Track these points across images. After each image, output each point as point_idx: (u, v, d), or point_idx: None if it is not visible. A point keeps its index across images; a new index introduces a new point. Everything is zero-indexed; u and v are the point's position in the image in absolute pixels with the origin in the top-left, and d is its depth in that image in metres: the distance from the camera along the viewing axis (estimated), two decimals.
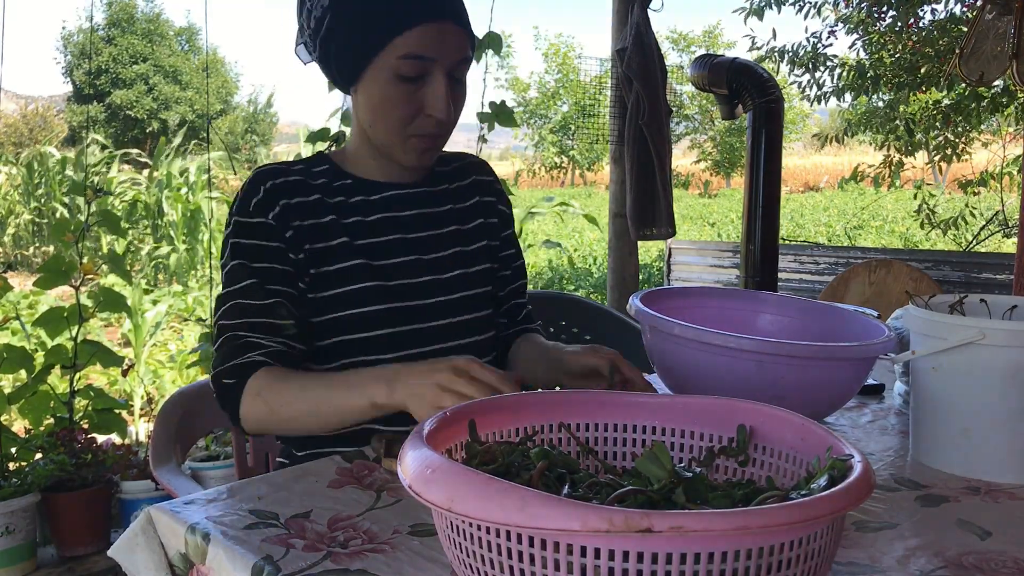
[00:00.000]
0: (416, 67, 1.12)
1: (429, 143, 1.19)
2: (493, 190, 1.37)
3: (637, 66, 2.98)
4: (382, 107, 1.15)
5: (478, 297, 1.29)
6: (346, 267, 1.19)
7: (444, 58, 1.13)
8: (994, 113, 5.73)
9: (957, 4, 5.45)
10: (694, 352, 1.11)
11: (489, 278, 1.32)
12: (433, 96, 1.14)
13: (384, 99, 1.14)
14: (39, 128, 18.69)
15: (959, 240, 7.12)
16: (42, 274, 2.65)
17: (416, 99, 1.14)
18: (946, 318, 1.03)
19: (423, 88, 1.14)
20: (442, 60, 1.13)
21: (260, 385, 1.10)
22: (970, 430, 1.01)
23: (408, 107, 1.14)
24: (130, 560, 0.90)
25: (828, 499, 0.57)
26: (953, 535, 0.84)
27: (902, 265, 3.25)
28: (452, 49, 1.13)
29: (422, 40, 1.10)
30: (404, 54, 1.11)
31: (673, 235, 3.18)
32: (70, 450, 2.48)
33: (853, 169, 7.50)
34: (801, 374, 1.07)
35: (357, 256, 1.20)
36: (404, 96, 1.14)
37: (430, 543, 0.80)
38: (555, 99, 23.16)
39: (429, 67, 1.13)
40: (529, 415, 0.83)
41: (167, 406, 1.44)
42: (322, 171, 1.24)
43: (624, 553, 0.54)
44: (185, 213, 8.66)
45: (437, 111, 1.14)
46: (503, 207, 1.38)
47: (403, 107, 1.14)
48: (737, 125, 16.80)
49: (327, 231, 1.20)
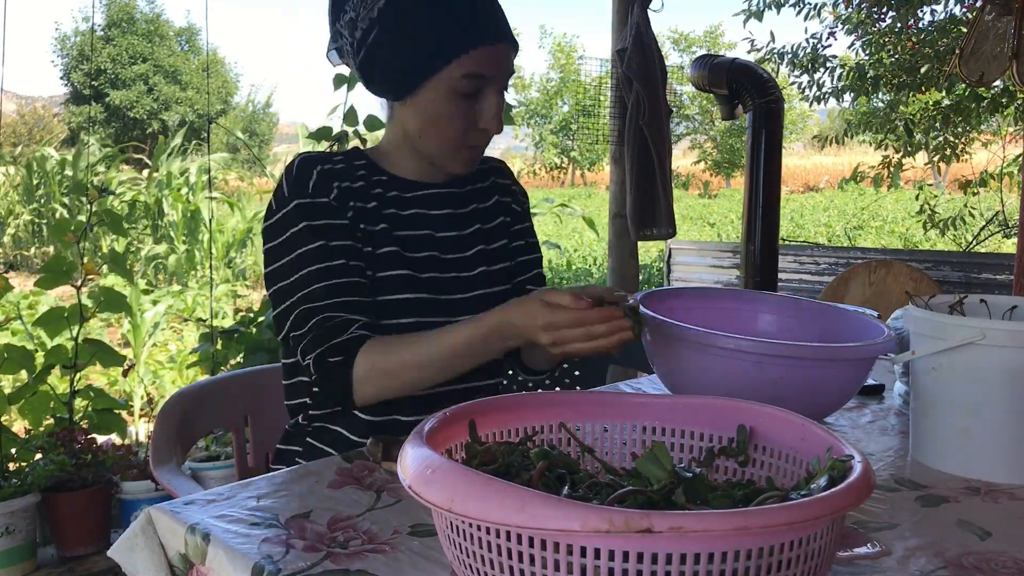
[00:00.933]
0: (474, 85, 1.17)
1: (477, 153, 1.26)
2: (510, 191, 1.41)
3: (637, 66, 2.98)
4: (438, 121, 1.20)
5: (498, 295, 1.30)
6: (385, 252, 1.22)
7: (499, 76, 1.19)
8: (994, 113, 5.73)
9: (957, 5, 5.46)
10: (695, 353, 1.11)
11: (509, 276, 1.35)
12: (488, 112, 1.20)
13: (441, 114, 1.19)
14: (38, 128, 18.70)
15: (959, 240, 7.12)
16: (43, 274, 2.65)
17: (471, 114, 1.19)
18: (946, 318, 1.03)
19: (477, 104, 1.19)
20: (497, 78, 1.19)
21: (370, 363, 1.11)
22: (970, 430, 1.01)
23: (464, 122, 1.20)
24: (130, 560, 0.90)
25: (828, 499, 0.57)
26: (953, 535, 0.84)
27: (902, 265, 3.25)
28: (505, 68, 1.19)
29: (482, 61, 1.16)
30: (466, 73, 1.15)
31: (673, 235, 3.17)
32: (70, 450, 2.48)
33: (853, 169, 7.50)
34: (801, 375, 1.07)
35: (394, 244, 1.23)
36: (461, 112, 1.19)
37: (430, 543, 0.80)
38: (556, 99, 23.16)
39: (484, 85, 1.18)
40: (529, 415, 0.83)
41: (167, 406, 1.44)
42: (361, 164, 1.28)
43: (624, 553, 0.54)
44: (185, 213, 8.66)
45: (491, 126, 1.20)
46: (517, 206, 1.41)
47: (459, 122, 1.19)
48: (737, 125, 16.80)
49: (374, 217, 1.24)
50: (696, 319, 1.18)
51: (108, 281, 4.96)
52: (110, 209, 3.32)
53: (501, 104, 1.21)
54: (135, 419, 3.93)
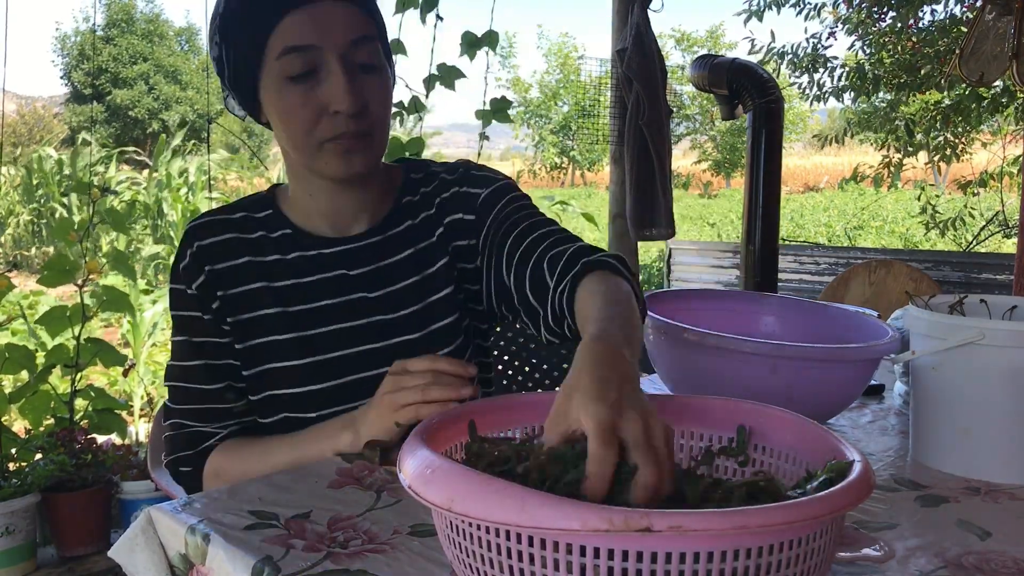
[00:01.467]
0: (300, 62, 0.98)
1: (350, 144, 1.02)
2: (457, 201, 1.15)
3: (637, 66, 2.98)
4: (283, 119, 1.02)
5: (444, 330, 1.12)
6: (278, 340, 1.08)
7: (330, 43, 0.98)
8: (994, 113, 5.73)
9: (957, 5, 5.46)
10: (706, 356, 1.10)
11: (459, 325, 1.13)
12: (330, 90, 0.99)
13: (281, 110, 1.01)
14: (38, 128, 18.70)
15: (959, 240, 7.12)
16: (46, 272, 2.65)
17: (314, 98, 0.99)
18: (946, 318, 1.03)
19: (319, 86, 0.99)
20: (328, 46, 0.98)
21: (219, 466, 1.08)
22: (970, 430, 1.01)
23: (307, 109, 1.00)
24: (130, 561, 0.90)
25: (828, 499, 0.57)
26: (953, 535, 0.84)
27: (902, 265, 3.25)
28: (338, 30, 0.98)
29: (293, 31, 0.97)
30: (280, 51, 0.98)
31: (673, 236, 3.18)
32: (70, 450, 2.48)
33: (853, 169, 7.50)
34: (812, 376, 1.08)
35: (290, 328, 1.08)
36: (299, 98, 0.99)
37: (430, 543, 0.80)
38: (556, 99, 23.17)
39: (316, 59, 0.99)
40: (529, 415, 0.83)
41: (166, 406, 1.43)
42: (263, 219, 1.12)
43: (624, 553, 0.54)
44: (185, 213, 8.66)
45: (339, 104, 0.98)
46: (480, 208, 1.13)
47: (301, 111, 1.00)
48: (737, 125, 16.80)
49: (255, 300, 1.09)
50: (698, 321, 1.18)
51: (109, 280, 4.96)
52: (112, 208, 3.32)
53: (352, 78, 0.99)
54: (135, 419, 3.93)
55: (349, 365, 1.09)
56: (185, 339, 1.10)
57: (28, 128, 18.69)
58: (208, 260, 1.09)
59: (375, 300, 1.11)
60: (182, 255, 1.10)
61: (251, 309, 1.09)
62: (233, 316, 1.09)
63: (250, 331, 1.09)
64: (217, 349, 1.09)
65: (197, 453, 1.09)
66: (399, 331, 1.10)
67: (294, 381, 1.08)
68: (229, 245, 1.10)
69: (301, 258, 1.11)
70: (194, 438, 1.09)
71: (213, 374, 1.09)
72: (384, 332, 1.10)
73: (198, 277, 1.09)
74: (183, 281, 1.10)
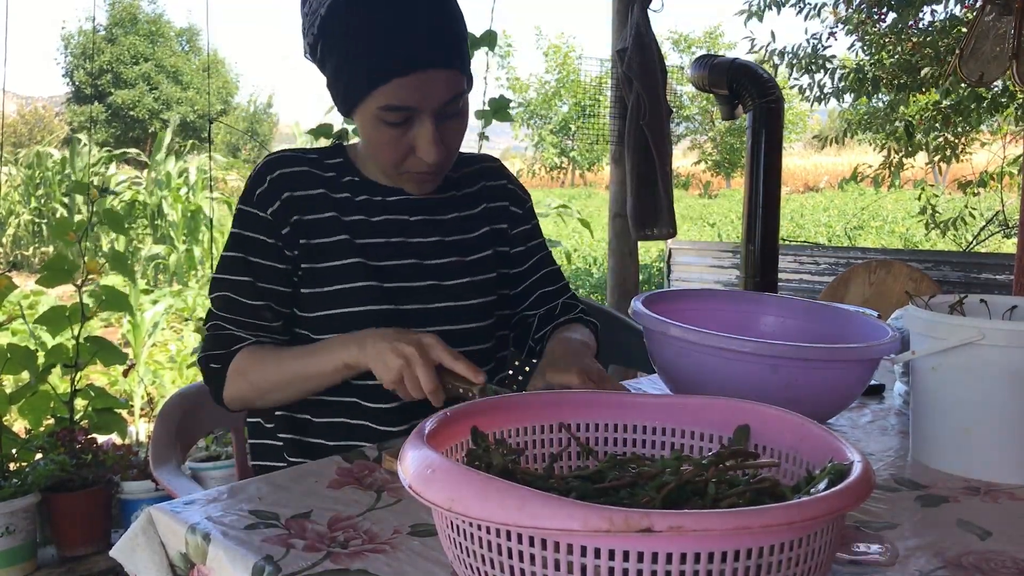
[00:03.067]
0: (398, 116, 1.10)
1: (425, 177, 1.19)
2: (503, 192, 1.35)
3: (637, 66, 2.98)
4: (372, 146, 1.16)
5: (480, 307, 1.27)
6: (342, 265, 1.19)
7: (427, 105, 1.10)
8: (994, 113, 5.73)
9: (957, 5, 5.45)
10: (706, 356, 1.10)
11: (494, 287, 1.30)
12: (421, 141, 1.12)
13: (372, 140, 1.14)
14: (38, 128, 18.69)
15: (959, 240, 7.11)
16: (45, 272, 2.65)
17: (404, 142, 1.13)
18: (946, 318, 1.03)
19: (411, 132, 1.12)
20: (425, 107, 1.10)
21: (242, 364, 1.16)
22: (970, 430, 1.01)
23: (396, 151, 1.13)
24: (131, 560, 0.90)
25: (828, 499, 0.57)
26: (953, 535, 0.84)
27: (902, 265, 3.25)
28: (438, 94, 1.10)
29: (400, 93, 1.08)
30: (383, 106, 1.09)
31: (673, 235, 3.18)
32: (70, 450, 2.48)
33: (853, 169, 7.50)
34: (814, 376, 1.08)
35: (355, 255, 1.19)
36: (391, 140, 1.12)
37: (430, 543, 0.80)
38: (555, 99, 23.16)
39: (412, 115, 1.10)
40: (529, 415, 0.83)
41: (167, 406, 1.44)
42: (334, 164, 1.24)
43: (624, 553, 0.54)
44: (185, 213, 8.66)
45: (427, 156, 1.12)
46: (516, 208, 1.35)
47: (391, 150, 1.13)
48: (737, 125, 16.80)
49: (326, 227, 1.20)
50: (698, 321, 1.18)
51: (109, 280, 4.96)
52: (111, 208, 3.32)
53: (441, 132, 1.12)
54: (135, 419, 3.93)
55: (401, 295, 1.21)
56: (241, 256, 1.19)
57: (28, 128, 18.69)
58: (289, 187, 1.19)
59: (428, 245, 1.24)
60: (260, 180, 1.20)
61: (321, 235, 1.19)
62: (306, 239, 1.19)
63: (318, 255, 1.19)
64: (267, 272, 1.19)
65: (228, 353, 1.17)
66: (446, 275, 1.24)
67: (353, 301, 1.18)
68: (306, 176, 1.21)
69: (368, 201, 1.23)
70: (227, 340, 1.18)
71: (259, 292, 1.19)
72: (433, 273, 1.23)
73: (274, 202, 1.19)
74: (257, 205, 1.19)
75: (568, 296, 1.39)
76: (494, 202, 1.33)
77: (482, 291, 1.28)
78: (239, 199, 1.21)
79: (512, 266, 1.35)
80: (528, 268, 1.36)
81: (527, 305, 1.36)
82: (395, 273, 1.21)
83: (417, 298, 1.22)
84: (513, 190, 1.37)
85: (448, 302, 1.24)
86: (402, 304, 1.20)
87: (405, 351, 1.00)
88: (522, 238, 1.36)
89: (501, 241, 1.33)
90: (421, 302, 1.22)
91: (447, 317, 1.23)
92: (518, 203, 1.36)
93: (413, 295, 1.21)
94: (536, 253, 1.37)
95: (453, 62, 1.10)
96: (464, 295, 1.25)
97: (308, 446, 1.23)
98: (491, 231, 1.31)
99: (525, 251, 1.36)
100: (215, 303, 1.20)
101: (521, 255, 1.35)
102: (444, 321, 1.23)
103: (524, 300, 1.36)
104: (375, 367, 1.03)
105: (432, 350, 1.01)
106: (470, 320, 1.26)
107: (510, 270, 1.34)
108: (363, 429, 1.21)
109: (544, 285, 1.37)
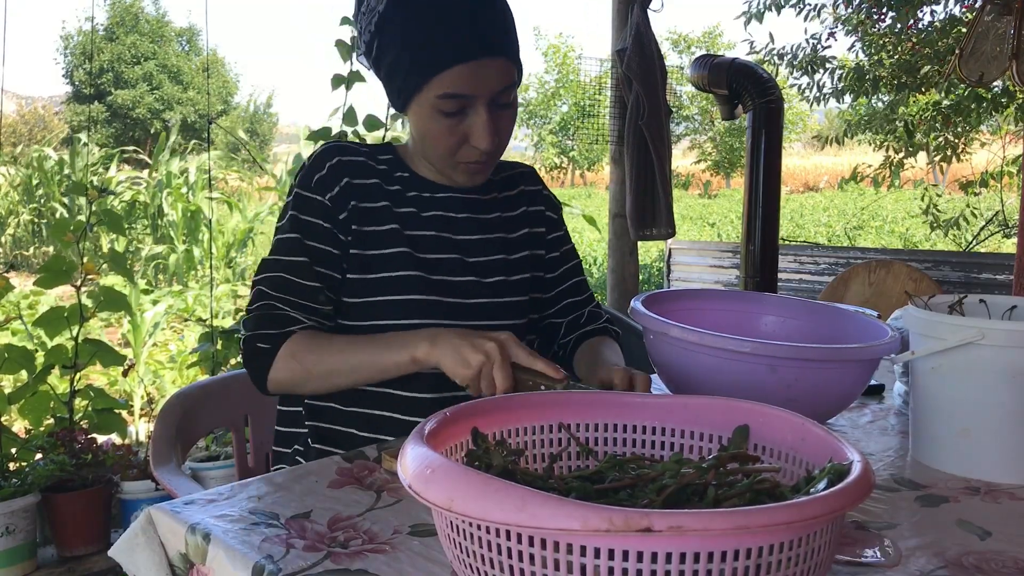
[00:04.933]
0: (455, 104, 1.13)
1: (477, 168, 1.22)
2: (540, 198, 1.39)
3: (637, 66, 2.98)
4: (427, 137, 1.18)
5: (516, 305, 1.30)
6: (390, 253, 1.22)
7: (484, 93, 1.13)
8: (994, 113, 5.73)
9: (957, 5, 5.45)
10: (706, 356, 1.10)
11: (528, 288, 1.33)
12: (476, 129, 1.15)
13: (428, 130, 1.17)
14: (38, 128, 18.69)
15: (959, 240, 7.12)
16: (43, 274, 2.65)
17: (459, 131, 1.16)
18: (945, 318, 1.03)
19: (465, 120, 1.15)
20: (481, 95, 1.13)
21: (295, 347, 1.15)
22: (970, 430, 1.01)
23: (451, 139, 1.17)
24: (131, 560, 0.90)
25: (828, 499, 0.57)
26: (953, 535, 0.84)
27: (902, 265, 3.25)
28: (492, 83, 1.13)
29: (458, 80, 1.11)
30: (441, 94, 1.12)
31: (673, 235, 3.18)
32: (70, 450, 2.48)
33: (853, 169, 7.50)
34: (813, 377, 1.07)
35: (404, 244, 1.22)
36: (447, 130, 1.16)
37: (430, 543, 0.80)
38: (555, 99, 23.16)
39: (468, 103, 1.14)
40: (529, 415, 0.83)
41: (167, 406, 1.44)
42: (386, 159, 1.27)
43: (624, 553, 0.54)
44: (185, 213, 8.66)
45: (481, 143, 1.16)
46: (551, 213, 1.39)
47: (446, 139, 1.17)
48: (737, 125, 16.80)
49: (379, 216, 1.23)
50: (698, 322, 1.18)
51: (108, 281, 4.96)
52: (110, 209, 3.31)
53: (494, 120, 1.16)
54: (135, 419, 3.93)
55: (445, 288, 1.23)
56: (298, 237, 1.20)
57: (28, 128, 18.68)
58: (348, 174, 1.22)
59: (472, 242, 1.28)
60: (319, 166, 1.22)
61: (374, 223, 1.22)
62: (359, 225, 1.21)
63: (370, 241, 1.22)
64: (324, 256, 1.20)
65: (281, 333, 1.16)
66: (487, 272, 1.27)
67: (399, 289, 1.21)
68: (363, 167, 1.24)
69: (418, 196, 1.27)
70: (281, 319, 1.17)
71: (314, 274, 1.19)
72: (476, 269, 1.26)
73: (334, 187, 1.21)
74: (316, 190, 1.21)
75: (593, 305, 1.43)
76: (533, 206, 1.37)
77: (519, 290, 1.31)
78: (296, 182, 1.23)
79: (546, 270, 1.38)
80: (559, 275, 1.39)
81: (554, 312, 1.39)
82: (440, 266, 1.24)
83: (459, 292, 1.24)
84: (549, 196, 1.41)
85: (488, 298, 1.26)
86: (445, 296, 1.23)
87: (486, 347, 1.02)
88: (556, 244, 1.39)
89: (538, 244, 1.37)
90: (462, 296, 1.24)
91: (486, 312, 1.26)
92: (553, 209, 1.41)
93: (455, 288, 1.24)
94: (568, 261, 1.41)
95: (508, 51, 1.15)
96: (503, 292, 1.28)
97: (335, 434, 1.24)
98: (529, 234, 1.35)
99: (559, 257, 1.39)
100: (267, 283, 1.20)
101: (555, 261, 1.39)
102: (483, 316, 1.25)
103: (552, 306, 1.39)
104: (450, 363, 1.04)
105: (510, 348, 1.03)
106: (507, 317, 1.28)
107: (544, 274, 1.38)
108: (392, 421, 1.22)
109: (572, 295, 1.41)
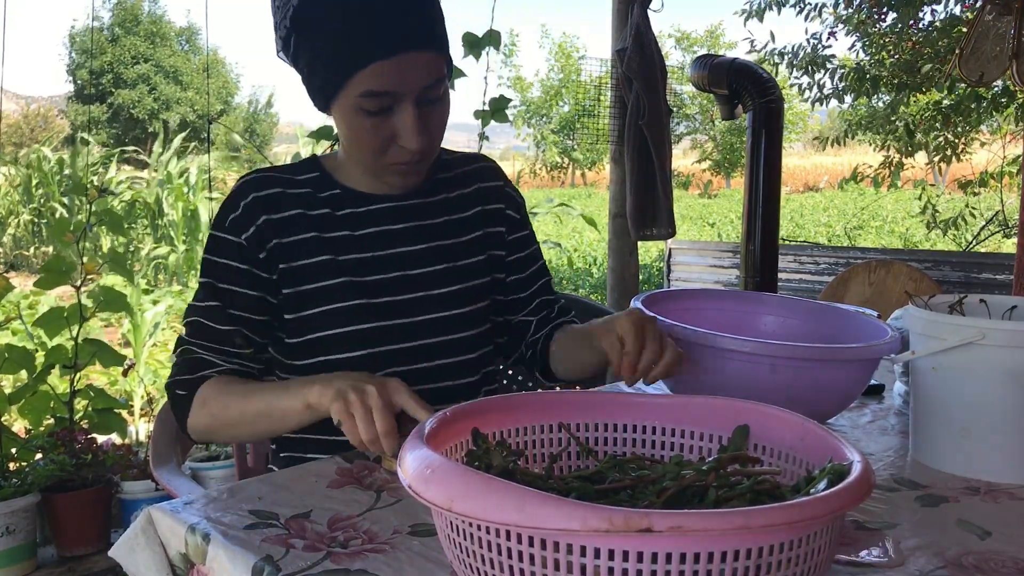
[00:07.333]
0: (380, 103, 1.06)
1: (410, 169, 1.14)
2: (501, 195, 1.31)
3: (637, 66, 2.98)
4: (353, 140, 1.11)
5: (471, 315, 1.24)
6: (326, 286, 1.16)
7: (407, 89, 1.06)
8: (994, 113, 5.73)
9: (957, 5, 5.45)
10: (706, 356, 1.10)
11: (487, 292, 1.28)
12: (404, 128, 1.08)
13: (353, 133, 1.10)
14: (40, 128, 18.69)
15: (959, 240, 7.11)
16: (43, 274, 2.65)
17: (385, 129, 1.09)
18: (946, 318, 1.03)
19: (392, 119, 1.08)
20: (405, 91, 1.06)
21: (207, 395, 1.11)
22: (970, 430, 1.01)
23: (378, 140, 1.09)
24: (131, 560, 0.90)
25: (828, 499, 0.57)
26: (953, 535, 0.84)
27: (902, 265, 3.25)
28: (416, 78, 1.06)
29: (381, 77, 1.04)
30: (363, 92, 1.05)
31: (673, 235, 3.18)
32: (70, 450, 2.48)
33: (853, 169, 7.50)
34: (813, 376, 1.08)
35: (340, 274, 1.16)
36: (372, 130, 1.08)
37: (430, 543, 0.80)
38: (557, 98, 23.15)
39: (392, 100, 1.06)
40: (529, 415, 0.83)
41: (167, 406, 1.43)
42: (310, 179, 1.20)
43: (624, 553, 0.54)
44: (185, 213, 8.66)
45: (410, 143, 1.08)
46: (512, 212, 1.32)
47: (373, 140, 1.09)
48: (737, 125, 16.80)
49: (306, 248, 1.16)
50: (698, 321, 1.18)
51: (108, 281, 4.95)
52: (110, 209, 3.32)
53: (423, 118, 1.08)
54: (135, 419, 3.93)
55: (390, 310, 1.18)
56: (210, 282, 1.16)
57: (30, 128, 18.68)
58: (265, 211, 1.16)
59: (416, 253, 1.21)
60: (233, 206, 1.16)
61: (303, 257, 1.16)
62: (285, 263, 1.16)
63: (300, 277, 1.16)
64: (238, 298, 1.15)
65: (195, 379, 1.13)
66: (436, 284, 1.21)
67: (341, 321, 1.16)
68: (281, 198, 1.18)
69: (352, 214, 1.20)
70: (195, 364, 1.14)
71: (228, 317, 1.15)
72: (423, 283, 1.20)
73: (249, 227, 1.15)
74: (230, 230, 1.16)
75: (562, 301, 1.39)
76: (490, 204, 1.30)
77: (475, 297, 1.24)
78: (212, 225, 1.18)
79: (509, 272, 1.31)
80: (529, 276, 1.33)
81: (528, 311, 1.34)
82: (382, 287, 1.18)
83: (406, 311, 1.18)
84: (510, 193, 1.33)
85: (439, 312, 1.20)
86: (391, 319, 1.17)
87: (366, 387, 0.94)
88: (520, 244, 1.33)
89: (496, 245, 1.29)
90: (409, 315, 1.18)
91: (439, 327, 1.20)
92: (514, 207, 1.33)
93: (402, 308, 1.18)
94: (536, 261, 1.35)
95: (433, 44, 1.07)
96: (456, 303, 1.22)
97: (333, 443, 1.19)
98: (485, 235, 1.28)
99: (525, 258, 1.33)
100: (187, 328, 1.17)
101: (520, 262, 1.33)
102: (437, 333, 1.20)
103: (525, 307, 1.34)
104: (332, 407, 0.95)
105: (397, 394, 0.94)
106: (464, 328, 1.23)
107: (507, 276, 1.31)
108: None
109: (544, 294, 1.36)
